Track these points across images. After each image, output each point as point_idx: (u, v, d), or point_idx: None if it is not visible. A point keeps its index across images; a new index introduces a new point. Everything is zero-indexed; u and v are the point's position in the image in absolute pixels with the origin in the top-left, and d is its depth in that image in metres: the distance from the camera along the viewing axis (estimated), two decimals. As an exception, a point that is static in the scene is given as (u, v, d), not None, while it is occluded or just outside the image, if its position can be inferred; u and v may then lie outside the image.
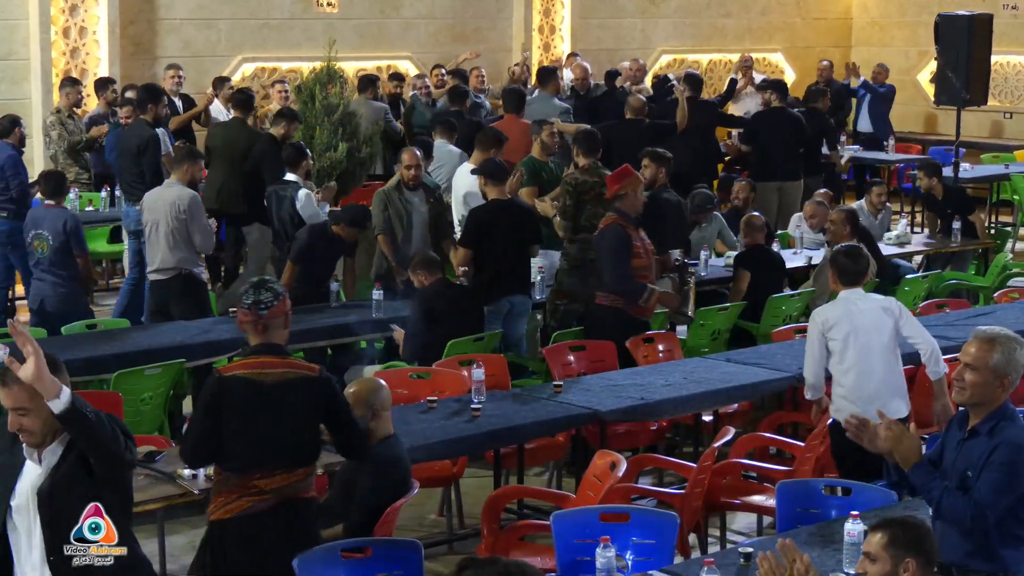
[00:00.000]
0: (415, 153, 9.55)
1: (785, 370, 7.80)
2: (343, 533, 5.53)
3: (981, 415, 4.79)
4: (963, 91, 13.02)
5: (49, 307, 9.22)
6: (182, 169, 9.13)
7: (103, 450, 4.29)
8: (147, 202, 9.24)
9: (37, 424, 4.33)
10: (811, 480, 6.14)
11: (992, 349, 4.76)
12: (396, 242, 9.38)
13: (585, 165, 9.27)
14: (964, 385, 4.78)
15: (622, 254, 8.16)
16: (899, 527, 4.25)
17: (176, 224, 8.93)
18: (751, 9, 18.76)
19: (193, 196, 9.07)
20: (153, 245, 9.04)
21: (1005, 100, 18.37)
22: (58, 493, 4.33)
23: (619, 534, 5.41)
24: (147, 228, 9.10)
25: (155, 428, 7.48)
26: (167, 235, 8.94)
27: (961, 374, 4.80)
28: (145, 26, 14.05)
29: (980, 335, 4.84)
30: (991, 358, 4.74)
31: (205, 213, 9.24)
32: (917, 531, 4.26)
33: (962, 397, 4.82)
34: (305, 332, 8.51)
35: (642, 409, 7.20)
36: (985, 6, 16.02)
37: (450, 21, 16.03)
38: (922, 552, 4.21)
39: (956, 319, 8.99)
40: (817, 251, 10.90)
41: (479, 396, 7.04)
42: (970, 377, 4.76)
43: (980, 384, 4.76)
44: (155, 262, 9.05)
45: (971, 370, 4.77)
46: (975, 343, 4.81)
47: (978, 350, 4.78)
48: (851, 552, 4.94)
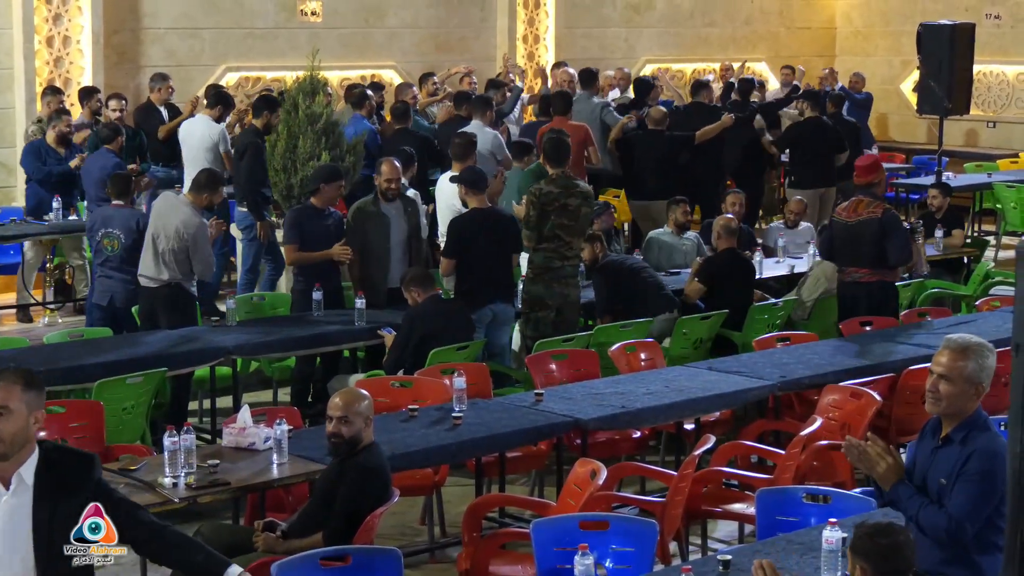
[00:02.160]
0: (394, 164, 9.45)
1: (767, 378, 7.81)
2: (323, 541, 5.54)
3: (954, 423, 4.76)
4: (945, 100, 13.11)
5: (118, 303, 9.38)
6: (202, 195, 8.97)
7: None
8: (158, 209, 9.04)
9: (10, 430, 4.13)
10: (790, 488, 6.11)
11: (966, 358, 4.71)
12: (363, 260, 9.34)
13: (553, 175, 9.28)
14: (939, 396, 4.73)
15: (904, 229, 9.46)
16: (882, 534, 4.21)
17: (178, 246, 8.77)
18: (735, 18, 18.83)
19: (200, 224, 8.87)
20: (150, 253, 8.87)
21: (988, 109, 18.46)
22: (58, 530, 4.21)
23: (599, 542, 5.41)
24: (150, 233, 8.88)
25: (137, 437, 7.46)
26: (166, 252, 8.78)
27: (935, 385, 4.74)
28: (129, 35, 14.05)
29: (952, 345, 4.78)
30: (965, 367, 4.70)
31: (209, 243, 9.05)
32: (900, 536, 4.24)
33: (937, 408, 4.77)
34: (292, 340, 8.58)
35: (623, 417, 7.20)
36: (968, 16, 16.11)
37: (434, 30, 16.06)
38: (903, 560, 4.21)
39: (938, 327, 9.03)
40: (800, 260, 10.94)
41: (460, 405, 7.03)
42: (945, 388, 4.72)
43: (955, 394, 4.72)
44: (148, 270, 8.89)
45: (945, 381, 4.72)
46: (947, 353, 4.76)
47: (951, 360, 4.73)
48: (829, 559, 4.90)
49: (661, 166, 12.66)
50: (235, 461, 6.25)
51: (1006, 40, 18.24)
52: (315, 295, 9.07)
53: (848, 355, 8.33)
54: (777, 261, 11.09)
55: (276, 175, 10.31)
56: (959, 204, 13.74)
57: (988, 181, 15.38)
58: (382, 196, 9.38)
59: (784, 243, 11.35)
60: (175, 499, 5.83)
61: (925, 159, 16.57)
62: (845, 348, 8.55)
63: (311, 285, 9.12)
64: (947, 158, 14.83)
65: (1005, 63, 18.30)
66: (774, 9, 19.23)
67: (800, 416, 7.81)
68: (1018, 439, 2.82)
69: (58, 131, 11.77)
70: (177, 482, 5.89)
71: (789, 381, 7.83)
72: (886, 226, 9.13)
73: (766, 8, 19.12)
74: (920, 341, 8.61)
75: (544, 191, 9.14)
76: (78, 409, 7.05)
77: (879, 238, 9.10)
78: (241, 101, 14.24)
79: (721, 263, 9.87)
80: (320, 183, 9.30)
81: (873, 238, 9.11)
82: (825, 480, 6.84)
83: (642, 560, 5.44)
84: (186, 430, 6.06)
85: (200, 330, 8.86)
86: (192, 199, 9.00)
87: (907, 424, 7.77)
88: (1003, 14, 18.24)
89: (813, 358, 8.25)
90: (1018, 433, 2.82)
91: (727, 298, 9.57)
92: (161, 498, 5.82)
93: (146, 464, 6.17)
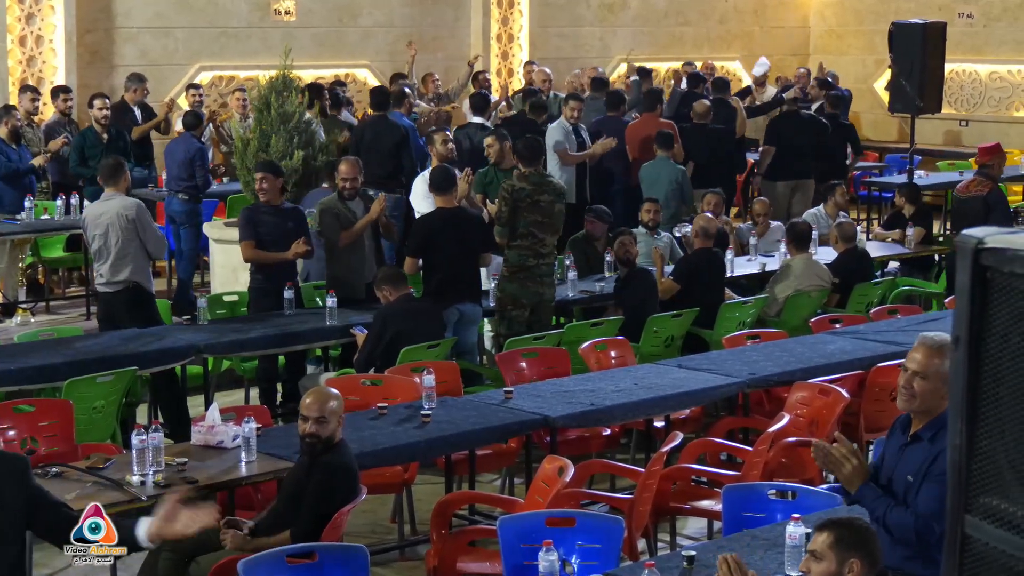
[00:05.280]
0: (353, 164, 9.44)
1: (736, 376, 7.84)
2: (291, 539, 5.55)
3: (924, 421, 4.73)
4: (917, 99, 13.17)
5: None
6: (118, 182, 8.99)
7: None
8: (90, 217, 9.04)
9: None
10: (756, 484, 6.15)
11: (942, 356, 4.63)
12: (338, 257, 9.34)
13: (525, 172, 9.31)
14: (914, 393, 4.69)
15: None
16: (845, 527, 4.29)
17: (126, 235, 8.76)
18: (710, 17, 18.89)
19: (138, 204, 8.93)
20: (102, 258, 8.87)
21: (961, 108, 18.57)
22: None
23: (565, 539, 5.44)
24: (93, 243, 8.90)
25: (107, 436, 7.43)
26: (117, 247, 8.77)
27: (910, 382, 4.69)
28: (102, 35, 14.03)
29: (928, 342, 4.72)
30: (941, 365, 4.63)
31: (152, 219, 9.15)
32: (862, 532, 4.30)
33: (911, 405, 4.73)
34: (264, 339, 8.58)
35: (592, 415, 7.22)
36: (941, 15, 16.21)
37: (408, 30, 16.08)
38: (867, 552, 4.25)
39: (907, 324, 9.08)
40: (771, 258, 10.99)
41: (430, 403, 7.06)
42: (920, 385, 4.67)
43: (930, 391, 4.67)
44: (104, 275, 8.87)
45: (920, 378, 4.67)
46: (923, 349, 4.70)
47: (927, 357, 4.67)
48: (793, 554, 4.94)
49: (709, 158, 13.08)
50: (204, 459, 6.26)
51: (979, 39, 18.35)
52: (286, 293, 9.08)
53: (817, 352, 8.36)
54: (748, 259, 11.13)
55: (248, 174, 10.30)
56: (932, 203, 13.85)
57: (959, 179, 15.43)
58: (340, 194, 9.36)
59: (756, 241, 11.39)
60: (143, 497, 5.82)
61: (897, 157, 16.65)
62: (814, 345, 8.59)
63: (269, 283, 9.12)
64: (919, 157, 14.90)
65: (978, 62, 18.42)
66: (748, 8, 19.30)
67: (769, 413, 7.83)
68: (959, 431, 2.84)
69: (10, 127, 11.76)
70: (145, 480, 5.89)
71: (758, 378, 7.86)
72: (990, 203, 10.63)
73: (740, 7, 19.19)
74: (889, 339, 8.65)
75: (517, 188, 9.17)
76: (47, 408, 7.04)
77: (984, 213, 10.45)
78: (215, 100, 14.25)
79: (696, 262, 9.94)
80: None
81: (978, 213, 10.45)
82: (794, 477, 6.86)
83: (608, 556, 5.46)
84: (154, 428, 6.08)
85: (170, 329, 8.87)
86: (115, 190, 8.99)
87: (876, 421, 7.81)
88: (976, 13, 18.36)
89: (782, 356, 8.28)
90: (958, 425, 2.84)
91: (700, 297, 9.61)
92: (129, 496, 5.81)
93: (114, 462, 6.17)
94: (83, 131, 12.07)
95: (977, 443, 2.82)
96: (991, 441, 2.79)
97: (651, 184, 12.05)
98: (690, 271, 9.84)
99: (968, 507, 2.85)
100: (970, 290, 2.80)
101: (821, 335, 8.98)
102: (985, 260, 2.78)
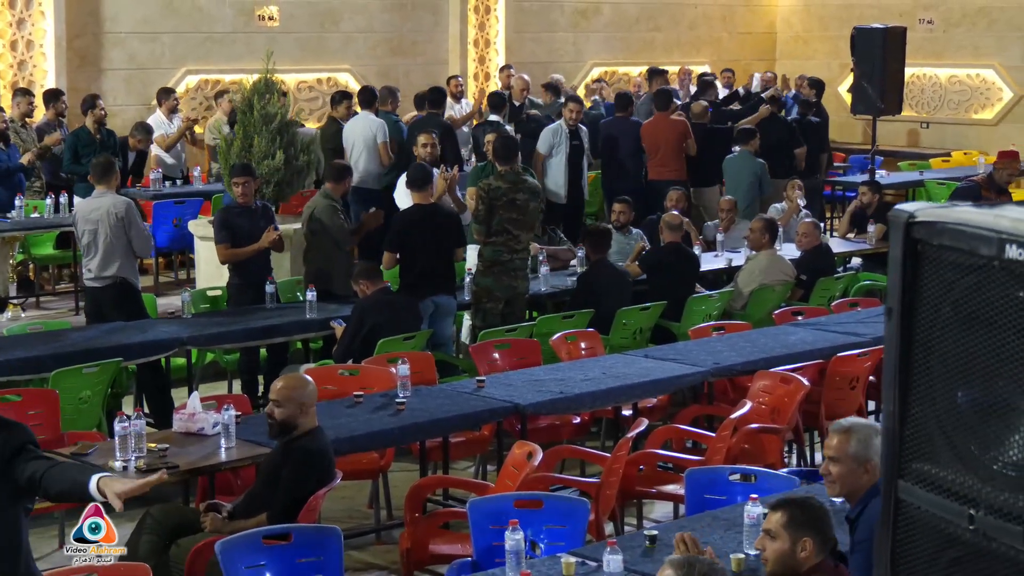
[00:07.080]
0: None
1: (701, 365, 8.02)
2: (267, 521, 5.67)
3: (853, 502, 4.81)
4: (878, 101, 13.44)
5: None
6: (109, 181, 9.19)
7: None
8: (81, 213, 9.28)
9: None
10: (717, 467, 6.32)
11: (848, 438, 4.76)
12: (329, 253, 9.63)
13: (501, 171, 9.55)
14: (832, 478, 4.80)
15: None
16: (798, 507, 4.46)
17: (114, 232, 8.97)
18: (680, 23, 19.15)
19: (128, 202, 9.15)
20: (90, 253, 9.08)
21: (922, 111, 18.89)
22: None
23: (532, 520, 5.55)
24: (83, 238, 9.12)
25: (93, 425, 7.55)
26: (106, 243, 8.97)
27: (827, 468, 4.82)
28: (91, 39, 14.22)
29: (837, 428, 4.86)
30: (849, 447, 4.75)
31: (141, 218, 9.37)
32: (815, 511, 4.46)
33: (833, 491, 4.84)
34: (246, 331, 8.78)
35: (561, 403, 7.39)
36: (903, 20, 16.48)
37: (388, 35, 16.32)
38: (819, 531, 4.42)
39: (866, 316, 9.33)
40: (738, 254, 11.25)
41: (404, 391, 7.22)
42: (835, 469, 4.77)
43: (846, 473, 4.76)
44: (92, 270, 9.07)
45: (834, 463, 4.78)
46: (833, 436, 4.83)
47: (838, 442, 4.79)
48: (751, 533, 5.10)
49: (708, 157, 13.50)
50: (184, 446, 6.38)
51: (939, 44, 18.68)
52: (268, 288, 9.30)
53: (780, 343, 8.56)
54: (715, 255, 11.39)
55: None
56: (894, 201, 14.11)
57: (920, 179, 15.80)
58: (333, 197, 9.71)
59: (723, 238, 11.66)
60: (126, 481, 5.96)
61: (861, 158, 16.96)
62: (777, 336, 8.80)
63: (246, 280, 9.36)
64: (881, 157, 15.20)
65: (938, 66, 18.74)
66: (717, 14, 19.57)
67: (733, 401, 7.96)
68: (891, 398, 2.93)
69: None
70: (128, 465, 6.00)
71: (722, 368, 8.04)
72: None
73: (709, 13, 19.47)
74: (849, 330, 8.89)
75: (493, 187, 9.40)
76: (34, 398, 7.20)
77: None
78: (201, 103, 14.46)
79: (664, 255, 10.19)
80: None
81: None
82: (756, 462, 6.98)
83: (574, 537, 5.59)
84: (136, 415, 6.19)
85: (155, 321, 9.06)
86: (105, 188, 9.17)
87: (836, 408, 7.97)
88: (936, 19, 18.67)
89: (746, 346, 8.47)
90: (891, 392, 2.94)
91: (668, 290, 9.82)
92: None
93: (97, 448, 6.30)
94: (76, 131, 12.21)
95: (909, 410, 2.87)
96: (922, 408, 2.84)
97: (733, 177, 12.96)
98: (657, 262, 10.13)
99: (901, 472, 2.90)
100: (902, 262, 2.84)
101: (784, 326, 9.20)
102: (916, 233, 2.82)
